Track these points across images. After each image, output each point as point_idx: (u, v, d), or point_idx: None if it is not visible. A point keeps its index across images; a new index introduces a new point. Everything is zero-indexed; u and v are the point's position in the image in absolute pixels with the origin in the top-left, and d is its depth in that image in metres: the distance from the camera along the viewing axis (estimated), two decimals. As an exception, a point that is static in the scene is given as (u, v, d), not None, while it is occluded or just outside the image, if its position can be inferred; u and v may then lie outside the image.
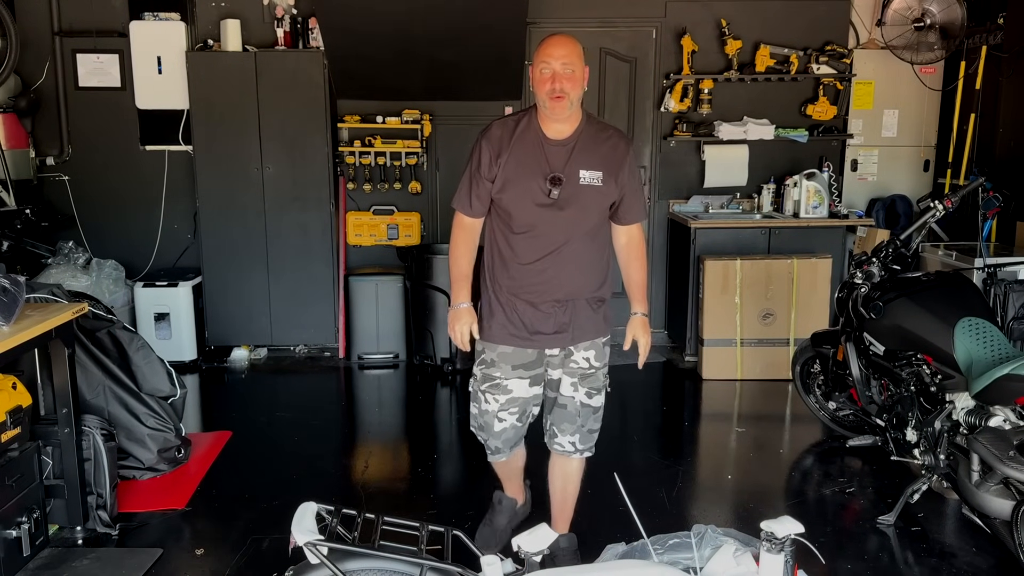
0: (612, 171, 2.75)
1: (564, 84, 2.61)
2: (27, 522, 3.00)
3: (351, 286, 5.66)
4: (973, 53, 5.64)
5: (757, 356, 5.30)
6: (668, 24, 5.81)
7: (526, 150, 2.72)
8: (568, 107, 2.65)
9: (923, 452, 3.43)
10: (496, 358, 2.85)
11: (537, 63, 2.66)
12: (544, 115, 2.71)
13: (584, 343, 2.87)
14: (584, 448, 2.99)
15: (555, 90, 2.61)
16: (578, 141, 2.73)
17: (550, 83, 2.62)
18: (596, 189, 2.74)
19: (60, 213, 5.76)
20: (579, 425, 2.95)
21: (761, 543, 1.70)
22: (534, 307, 2.79)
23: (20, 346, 2.88)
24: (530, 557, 1.79)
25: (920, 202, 5.61)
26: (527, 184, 2.71)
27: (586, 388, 2.93)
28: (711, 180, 5.92)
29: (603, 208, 2.81)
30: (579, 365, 2.89)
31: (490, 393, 2.88)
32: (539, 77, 2.65)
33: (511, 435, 2.93)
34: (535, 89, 2.69)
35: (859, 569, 3.10)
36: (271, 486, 3.79)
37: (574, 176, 2.71)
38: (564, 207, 2.71)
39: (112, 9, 5.68)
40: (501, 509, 3.25)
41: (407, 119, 5.74)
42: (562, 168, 2.70)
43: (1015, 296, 4.39)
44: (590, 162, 2.73)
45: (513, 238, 2.78)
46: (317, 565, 1.81)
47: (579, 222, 2.76)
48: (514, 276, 2.80)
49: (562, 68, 2.62)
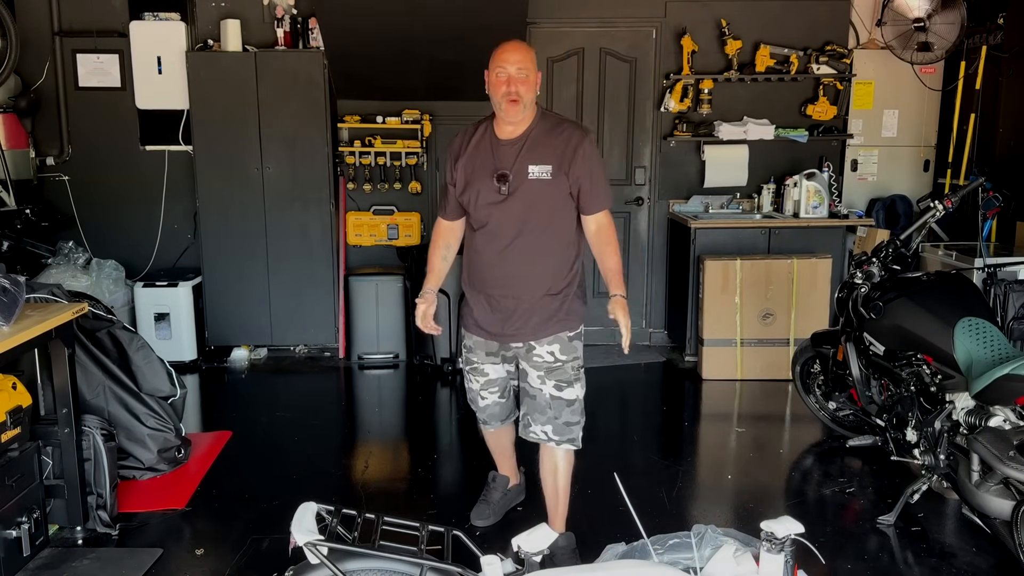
0: (563, 163, 2.85)
1: (519, 87, 2.79)
2: (27, 522, 3.00)
3: (351, 286, 5.66)
4: (973, 53, 5.64)
5: (757, 356, 5.30)
6: (668, 24, 5.81)
7: (480, 153, 2.93)
8: (522, 109, 2.82)
9: (923, 452, 3.43)
10: (472, 344, 3.12)
11: (493, 68, 2.83)
12: (499, 118, 2.89)
13: (547, 338, 2.95)
14: (561, 439, 3.04)
15: (510, 93, 2.79)
16: (528, 139, 2.88)
17: (505, 86, 2.79)
18: (545, 182, 2.85)
19: (60, 213, 5.76)
20: (551, 416, 3.01)
21: (761, 543, 1.70)
22: (491, 301, 2.98)
23: (20, 346, 2.88)
24: (530, 557, 1.79)
25: (920, 202, 5.62)
26: (480, 184, 2.90)
27: (554, 381, 2.98)
28: (711, 180, 5.92)
29: (555, 201, 2.90)
30: (543, 359, 2.97)
31: (472, 375, 3.17)
32: (495, 81, 2.82)
33: (495, 410, 3.21)
34: (491, 92, 2.86)
35: (859, 569, 3.10)
36: (271, 486, 3.80)
37: (522, 172, 2.85)
38: (513, 203, 2.87)
39: (112, 9, 5.68)
40: (495, 486, 3.48)
41: (407, 119, 5.74)
42: (510, 166, 2.86)
43: (1015, 296, 4.39)
44: (539, 157, 2.86)
45: (474, 235, 3.00)
46: (317, 565, 1.81)
47: (529, 216, 2.88)
48: (477, 271, 3.01)
49: (517, 72, 2.79)
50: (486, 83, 2.89)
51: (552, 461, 3.10)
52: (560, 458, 3.08)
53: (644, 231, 6.09)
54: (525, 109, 2.84)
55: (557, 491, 3.12)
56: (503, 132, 2.91)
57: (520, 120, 2.87)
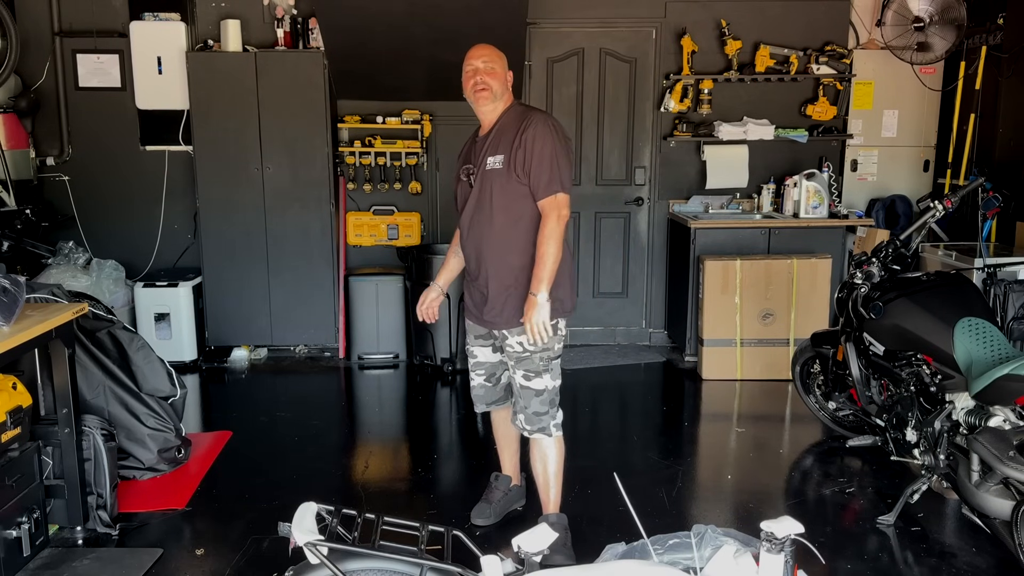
0: (511, 150, 2.94)
1: (485, 77, 2.96)
2: (27, 522, 3.00)
3: (351, 286, 5.66)
4: (973, 53, 5.64)
5: (757, 356, 5.30)
6: (668, 24, 5.81)
7: (468, 151, 3.14)
8: (491, 98, 2.98)
9: (923, 452, 3.43)
10: (467, 327, 3.27)
11: (463, 69, 3.02)
12: (476, 111, 3.05)
13: (516, 328, 3.02)
14: (532, 429, 3.11)
15: (478, 83, 2.95)
16: (494, 132, 3.02)
17: (472, 77, 2.97)
18: (497, 172, 2.96)
19: (60, 213, 5.76)
20: (523, 406, 3.10)
21: (761, 543, 1.70)
22: (470, 287, 3.17)
23: (20, 346, 2.88)
24: (530, 557, 1.79)
25: (920, 202, 5.60)
26: (460, 179, 3.12)
27: (522, 371, 3.06)
28: (711, 180, 5.92)
29: (507, 190, 2.96)
30: (513, 349, 3.07)
31: (468, 356, 3.31)
32: (464, 78, 3.01)
33: (480, 392, 3.30)
34: (465, 92, 3.03)
35: (859, 569, 3.10)
36: (271, 486, 3.80)
37: (483, 163, 2.99)
38: (476, 193, 3.02)
39: (112, 9, 5.68)
40: (496, 485, 3.49)
41: (407, 119, 5.74)
42: (478, 159, 3.02)
43: (1015, 296, 4.39)
44: (496, 148, 2.98)
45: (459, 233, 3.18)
46: (317, 565, 1.81)
47: (487, 204, 3.00)
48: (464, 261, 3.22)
49: (483, 65, 2.97)
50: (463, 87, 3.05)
51: (535, 450, 3.19)
52: (540, 447, 3.16)
53: (644, 231, 6.09)
54: (495, 100, 2.99)
55: (542, 479, 3.20)
56: (482, 128, 3.09)
57: (492, 112, 3.01)
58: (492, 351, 3.21)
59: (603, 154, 5.99)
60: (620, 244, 6.11)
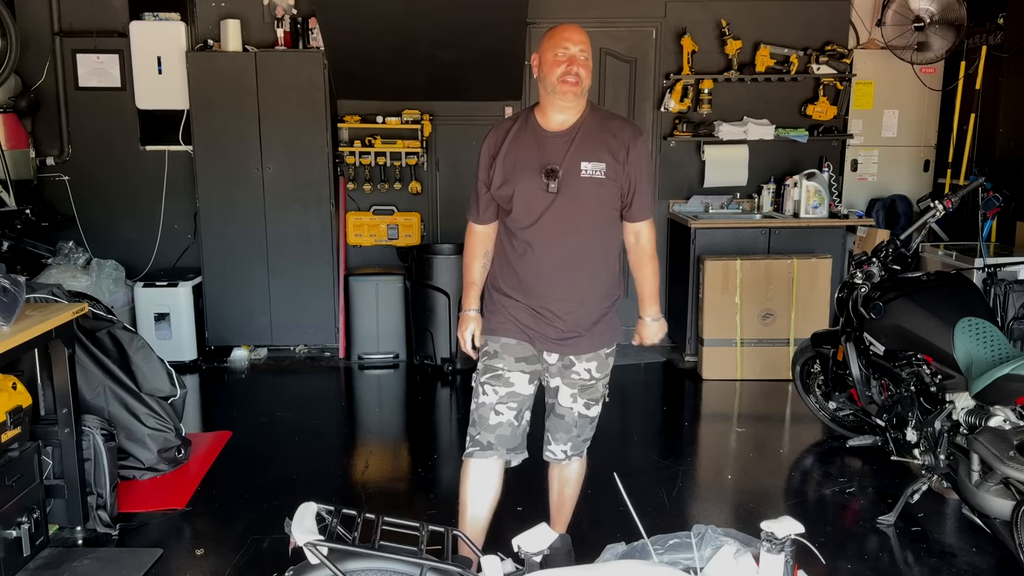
0: (617, 163, 2.60)
1: (580, 69, 2.54)
2: (27, 522, 3.00)
3: (351, 286, 5.66)
4: (973, 53, 5.64)
5: (757, 356, 5.30)
6: (668, 24, 5.80)
7: (522, 146, 2.62)
8: (580, 93, 2.56)
9: (923, 452, 3.43)
10: (499, 349, 2.70)
11: (550, 48, 2.57)
12: (548, 105, 2.61)
13: (587, 354, 2.73)
14: (574, 454, 2.88)
15: (571, 72, 2.52)
16: (579, 131, 2.60)
17: (566, 65, 2.52)
18: (599, 182, 2.58)
19: (60, 213, 5.76)
20: (575, 435, 2.83)
21: (761, 543, 1.70)
22: (535, 310, 2.67)
23: (20, 346, 2.87)
24: (530, 557, 1.79)
25: (920, 202, 5.62)
26: (525, 181, 2.59)
27: (585, 399, 2.79)
28: (711, 180, 5.92)
29: (608, 203, 2.65)
30: (580, 377, 2.75)
31: (490, 384, 2.69)
32: (552, 60, 2.55)
33: (506, 432, 2.69)
34: (544, 75, 2.57)
35: (859, 569, 3.10)
36: (271, 486, 3.79)
37: (574, 168, 2.57)
38: (563, 202, 2.58)
39: (112, 9, 5.68)
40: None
41: (407, 119, 5.74)
42: (560, 160, 2.57)
43: (1015, 296, 4.38)
44: (592, 153, 2.58)
45: (513, 237, 2.68)
46: (317, 565, 1.81)
47: (581, 219, 2.62)
48: (516, 276, 2.68)
49: (579, 53, 2.55)
50: (535, 67, 2.63)
51: (564, 473, 2.95)
52: (573, 470, 2.94)
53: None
54: (583, 94, 2.57)
55: (563, 500, 2.99)
56: (550, 122, 2.62)
57: (573, 108, 2.59)
58: (529, 381, 2.73)
59: (603, 154, 5.98)
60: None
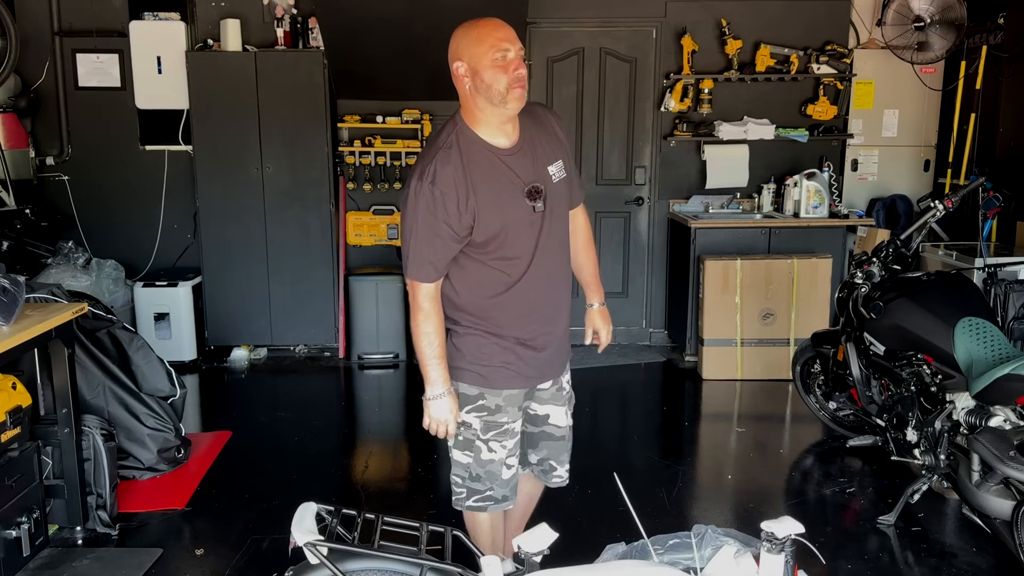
0: (562, 151, 2.42)
1: (523, 71, 2.24)
2: (27, 522, 3.00)
3: (351, 286, 5.66)
4: (973, 53, 5.64)
5: (757, 356, 5.30)
6: (668, 24, 5.80)
7: (487, 172, 2.25)
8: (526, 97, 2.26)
9: (923, 452, 3.43)
10: (502, 403, 2.44)
11: (484, 52, 2.22)
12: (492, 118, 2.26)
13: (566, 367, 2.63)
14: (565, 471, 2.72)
15: (520, 77, 2.22)
16: (526, 136, 2.33)
17: (513, 69, 2.21)
18: (565, 181, 2.40)
19: (60, 213, 5.76)
20: (568, 448, 2.68)
21: (761, 543, 1.70)
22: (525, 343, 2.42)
23: (20, 346, 2.88)
24: (530, 557, 1.79)
25: (920, 202, 5.61)
26: (511, 209, 2.27)
27: (569, 408, 2.65)
28: (711, 180, 5.92)
29: (568, 200, 2.47)
30: (565, 390, 2.62)
31: (496, 441, 2.46)
32: (491, 66, 2.20)
33: (515, 482, 2.56)
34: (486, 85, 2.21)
35: (859, 569, 3.10)
36: (271, 486, 3.79)
37: (546, 178, 2.33)
38: (550, 219, 2.35)
39: (112, 9, 5.68)
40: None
41: (407, 119, 5.74)
42: (532, 175, 2.30)
43: (1015, 296, 4.38)
44: (549, 153, 2.37)
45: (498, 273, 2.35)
46: (317, 565, 1.81)
47: (562, 229, 2.44)
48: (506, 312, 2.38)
49: (517, 53, 2.25)
50: (462, 78, 2.26)
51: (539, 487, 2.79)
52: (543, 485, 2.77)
53: (644, 231, 6.09)
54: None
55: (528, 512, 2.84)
56: (497, 137, 2.28)
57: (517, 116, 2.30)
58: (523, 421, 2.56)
59: (603, 154, 5.99)
60: (620, 244, 6.10)
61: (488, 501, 2.52)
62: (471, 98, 2.27)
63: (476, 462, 2.48)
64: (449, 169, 2.21)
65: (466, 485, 2.51)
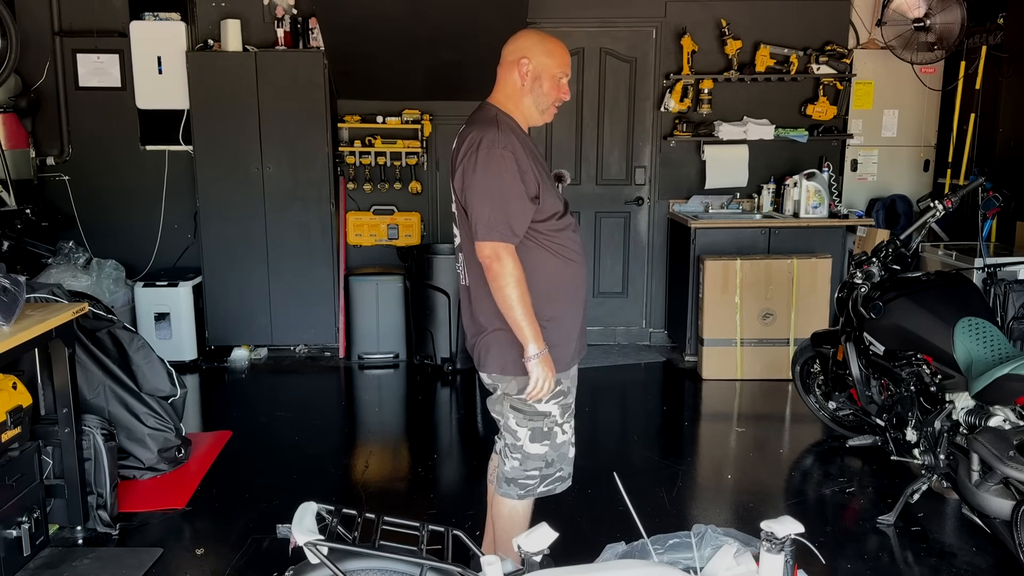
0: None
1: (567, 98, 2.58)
2: (27, 522, 3.00)
3: (351, 286, 5.66)
4: (973, 53, 5.64)
5: (757, 356, 5.30)
6: (668, 24, 5.81)
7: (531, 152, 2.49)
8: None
9: (923, 452, 3.43)
10: (570, 383, 2.57)
11: (556, 66, 2.46)
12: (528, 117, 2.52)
13: None
14: None
15: (563, 101, 2.55)
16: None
17: (563, 92, 2.51)
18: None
19: (60, 213, 5.76)
20: None
21: (761, 543, 1.70)
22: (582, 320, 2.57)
23: (20, 346, 2.88)
24: (530, 557, 1.79)
25: (920, 202, 5.61)
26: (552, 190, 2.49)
27: None
28: (711, 180, 5.92)
29: None
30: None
31: (568, 423, 2.56)
32: (554, 83, 2.47)
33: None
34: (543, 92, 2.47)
35: (859, 569, 3.10)
36: (271, 486, 3.80)
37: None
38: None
39: (112, 9, 5.68)
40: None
41: (407, 119, 5.74)
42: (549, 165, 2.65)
43: (1015, 296, 4.38)
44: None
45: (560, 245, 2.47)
46: (317, 565, 1.81)
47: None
48: (574, 284, 2.51)
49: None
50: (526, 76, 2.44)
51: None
52: None
53: (644, 231, 6.09)
54: None
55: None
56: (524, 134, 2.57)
57: None
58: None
59: (603, 154, 5.99)
60: (620, 244, 6.11)
61: (558, 482, 2.59)
62: (519, 92, 2.48)
63: (552, 448, 2.53)
64: (515, 139, 2.40)
65: (541, 474, 2.54)
